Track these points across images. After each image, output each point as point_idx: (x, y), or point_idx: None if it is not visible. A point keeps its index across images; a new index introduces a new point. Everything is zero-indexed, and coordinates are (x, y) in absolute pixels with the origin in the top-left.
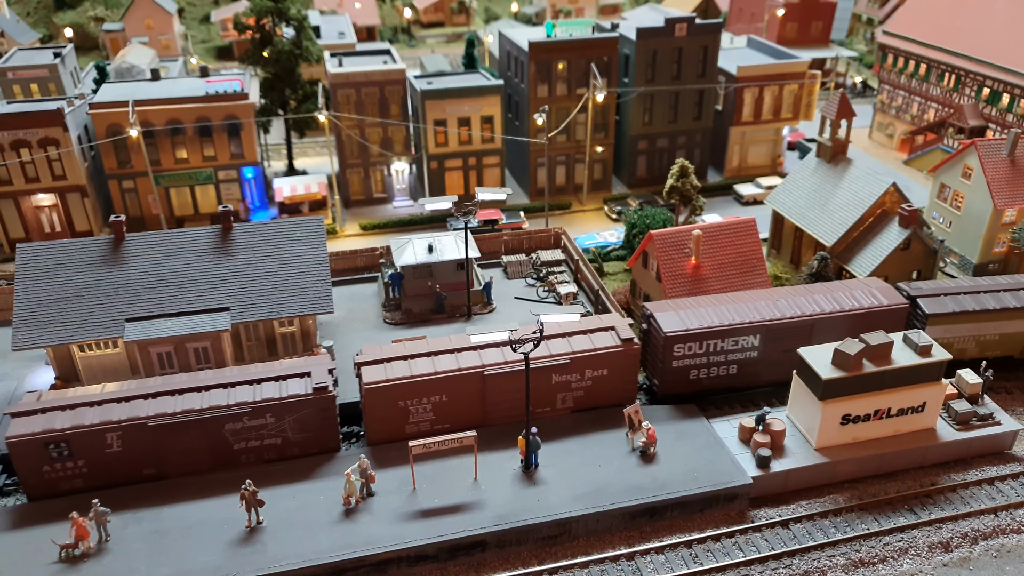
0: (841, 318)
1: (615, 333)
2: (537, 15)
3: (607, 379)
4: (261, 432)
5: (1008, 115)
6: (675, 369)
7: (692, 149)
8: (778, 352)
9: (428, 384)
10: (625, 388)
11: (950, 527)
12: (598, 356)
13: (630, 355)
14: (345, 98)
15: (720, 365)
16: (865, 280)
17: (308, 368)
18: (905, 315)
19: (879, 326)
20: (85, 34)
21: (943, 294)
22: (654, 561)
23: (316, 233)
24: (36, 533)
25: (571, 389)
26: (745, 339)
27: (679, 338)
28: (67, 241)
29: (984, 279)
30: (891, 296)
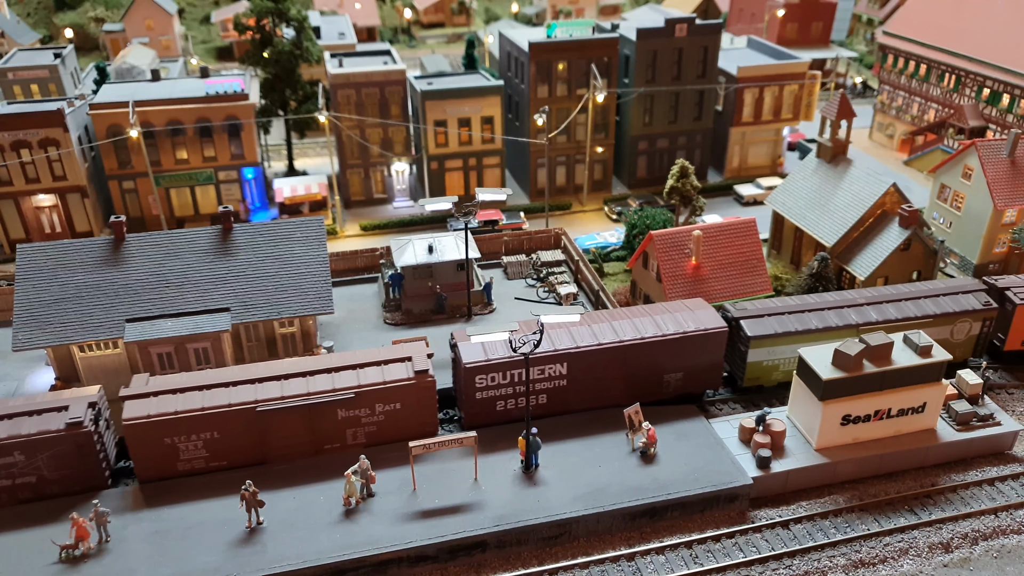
0: (655, 344)
1: (410, 365)
2: (537, 16)
3: (401, 413)
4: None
5: (1008, 116)
6: (479, 400)
7: (692, 150)
8: (589, 380)
9: (195, 420)
10: (423, 421)
11: (950, 528)
12: (388, 390)
13: (424, 388)
14: (345, 99)
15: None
16: (690, 303)
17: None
18: (724, 339)
19: (698, 350)
20: (85, 35)
21: (767, 315)
22: (654, 561)
23: (316, 234)
24: (36, 533)
25: (361, 424)
26: (552, 367)
27: (480, 369)
28: (67, 242)
29: (812, 297)
30: (711, 320)
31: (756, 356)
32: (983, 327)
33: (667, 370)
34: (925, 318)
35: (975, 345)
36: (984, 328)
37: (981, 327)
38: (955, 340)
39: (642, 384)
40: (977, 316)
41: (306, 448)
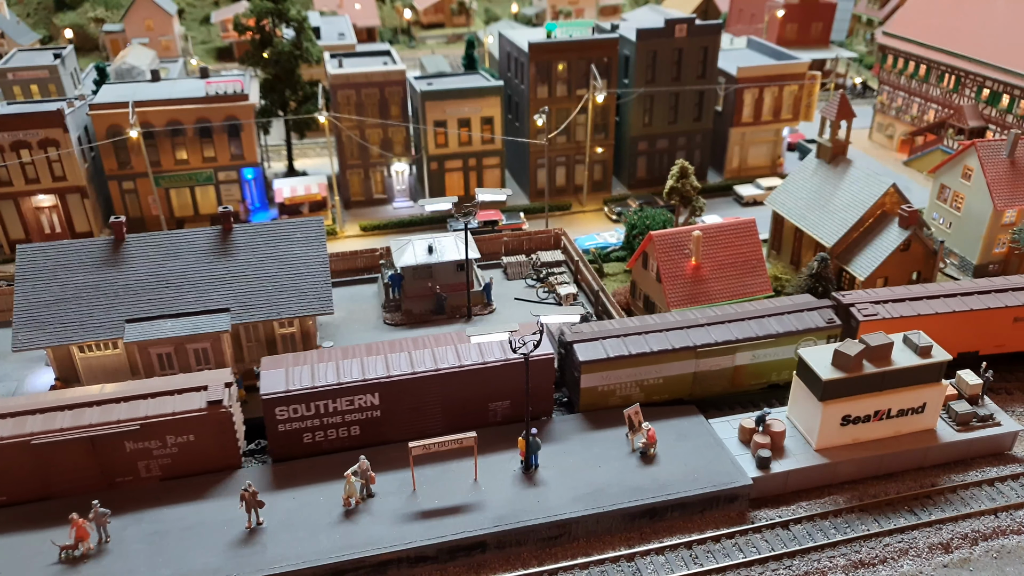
0: (476, 372)
1: (204, 395)
2: (537, 16)
3: (198, 445)
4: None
5: (1008, 116)
6: (283, 433)
7: (692, 150)
8: (406, 410)
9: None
10: (224, 453)
11: (950, 528)
12: (178, 421)
13: (217, 419)
14: (345, 99)
15: (339, 427)
16: (525, 326)
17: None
18: (551, 365)
19: (521, 378)
20: (85, 35)
21: (602, 338)
22: (654, 562)
23: (316, 234)
24: (36, 534)
25: (154, 456)
26: (362, 398)
27: (280, 401)
28: (67, 242)
29: (654, 318)
30: (544, 347)
31: (590, 381)
32: (829, 343)
33: (492, 398)
34: (767, 337)
35: None
36: (831, 342)
37: (827, 343)
38: None
39: (465, 413)
40: (821, 334)
41: (94, 481)
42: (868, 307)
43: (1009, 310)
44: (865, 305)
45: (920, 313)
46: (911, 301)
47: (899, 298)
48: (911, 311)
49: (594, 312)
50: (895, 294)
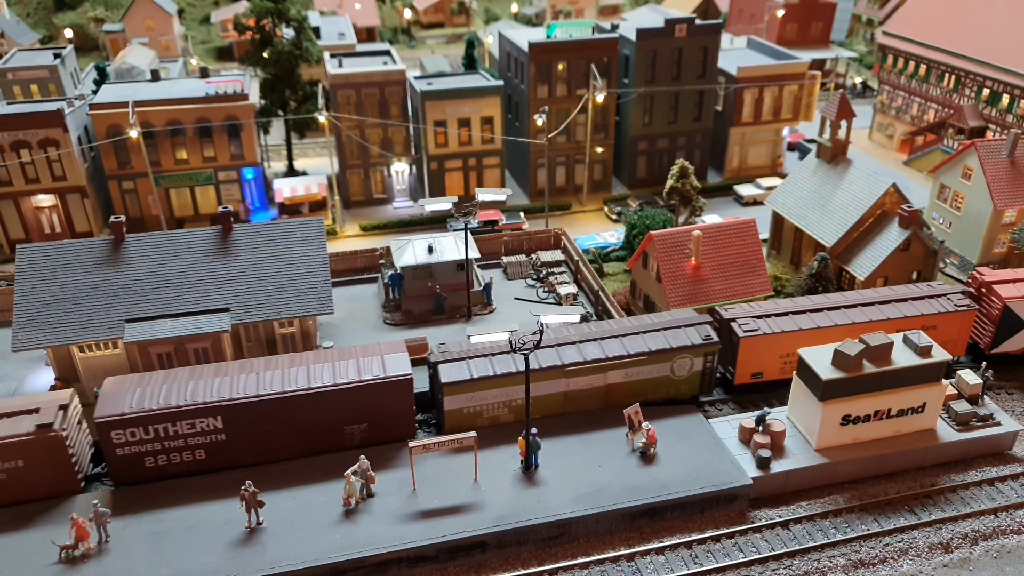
0: (326, 394)
1: (34, 418)
2: (537, 16)
3: (29, 470)
4: None
5: (1008, 116)
6: (123, 457)
7: (692, 150)
8: (254, 433)
9: None
10: (60, 479)
11: (950, 528)
12: (3, 446)
13: (48, 444)
14: (345, 99)
15: (182, 450)
16: (389, 344)
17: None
18: (409, 386)
19: (380, 399)
20: (85, 35)
21: (468, 358)
22: (654, 562)
23: (316, 234)
24: (36, 534)
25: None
26: (203, 421)
27: (116, 424)
28: (67, 242)
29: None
30: (397, 367)
31: (454, 403)
32: (706, 362)
33: (347, 421)
34: (639, 356)
35: (701, 381)
36: (707, 363)
37: (704, 362)
38: (678, 377)
39: (319, 436)
40: (697, 351)
41: None
42: (749, 322)
43: (892, 322)
44: (746, 320)
45: (802, 327)
46: (794, 315)
47: (781, 312)
48: (793, 325)
49: (594, 312)
50: (779, 307)
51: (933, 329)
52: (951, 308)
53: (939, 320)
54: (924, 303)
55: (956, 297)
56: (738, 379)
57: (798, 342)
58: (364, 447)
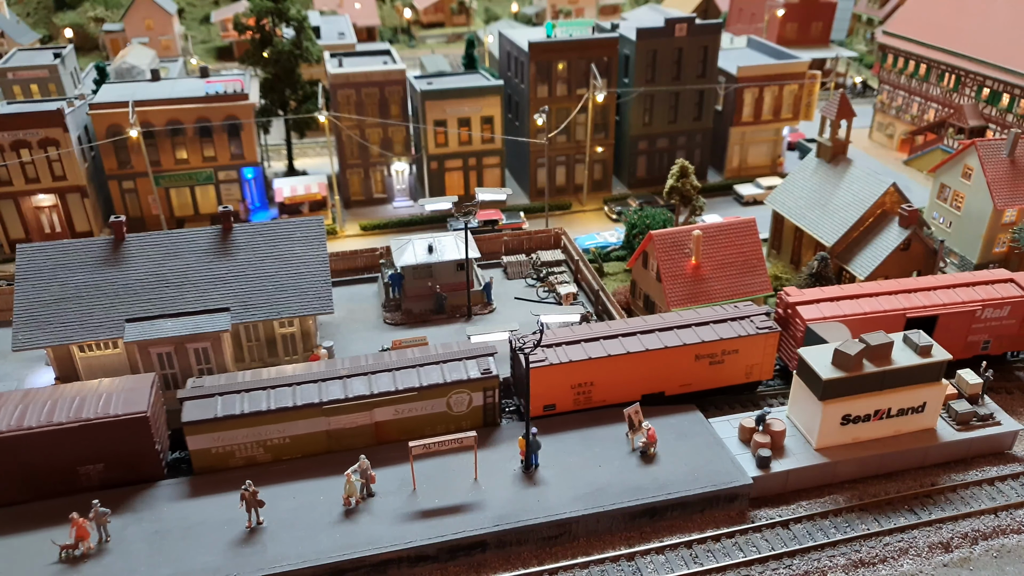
0: (44, 435)
1: None
2: (537, 15)
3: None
4: None
5: (1008, 115)
6: None
7: (692, 149)
8: None
9: None
10: None
11: (950, 527)
12: None
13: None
14: (345, 98)
15: None
16: (128, 381)
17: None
18: (143, 424)
19: (111, 438)
20: (85, 35)
21: (220, 393)
22: (654, 561)
23: (316, 233)
24: (36, 533)
25: None
26: None
27: None
28: (67, 242)
29: (294, 368)
30: (131, 404)
31: (199, 443)
32: (486, 397)
33: (80, 461)
34: (407, 392)
35: (484, 415)
36: (488, 398)
37: (484, 397)
38: (456, 412)
39: (50, 478)
40: (475, 386)
41: None
42: (539, 352)
43: (689, 348)
44: (536, 350)
45: (591, 356)
46: (586, 343)
47: (574, 340)
48: (583, 354)
49: (594, 311)
50: (574, 334)
51: (735, 353)
52: (752, 331)
53: (741, 344)
54: (725, 326)
55: (759, 319)
56: (532, 412)
57: (588, 373)
58: (104, 489)
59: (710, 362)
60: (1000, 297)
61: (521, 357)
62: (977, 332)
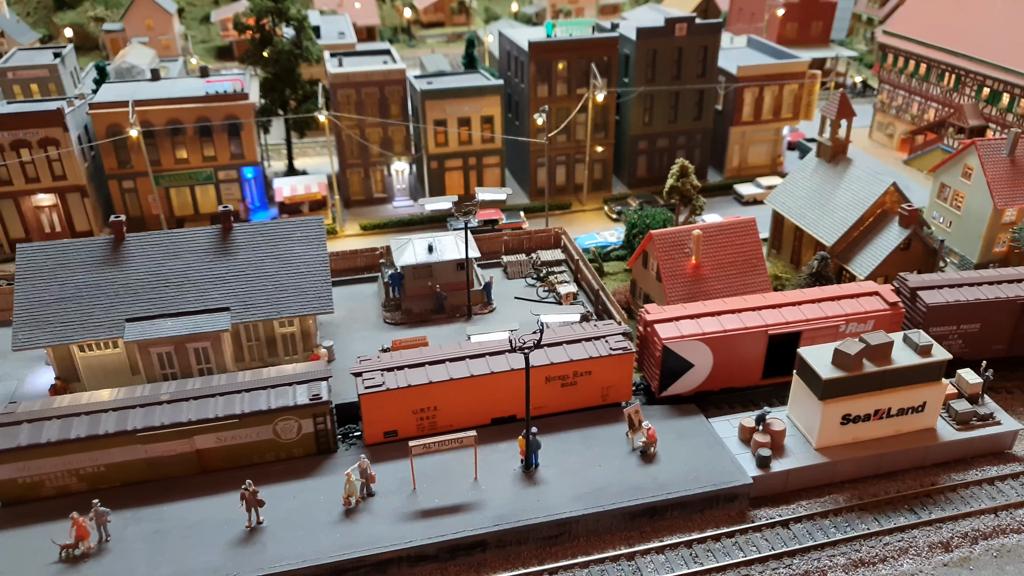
0: None
1: None
2: (537, 15)
3: None
4: None
5: (1008, 115)
6: None
7: (692, 149)
8: None
9: None
10: None
11: (950, 527)
12: None
13: None
14: (345, 98)
15: None
16: None
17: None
18: None
19: None
20: (85, 34)
21: (31, 420)
22: (654, 561)
23: (316, 233)
24: (36, 533)
25: None
26: None
27: None
28: (67, 241)
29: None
30: None
31: (3, 473)
32: (317, 423)
33: None
34: (228, 419)
35: (316, 442)
36: (319, 424)
37: (315, 424)
38: (285, 439)
39: None
40: (304, 412)
41: None
42: (375, 376)
43: (538, 370)
44: (372, 375)
45: (433, 380)
46: (430, 366)
47: (417, 362)
48: (424, 378)
49: (594, 311)
50: (421, 356)
51: (588, 375)
52: (606, 352)
53: (594, 365)
54: (579, 347)
55: (614, 340)
56: (369, 439)
57: (430, 397)
58: None
59: (562, 384)
60: (864, 311)
61: (359, 382)
62: None
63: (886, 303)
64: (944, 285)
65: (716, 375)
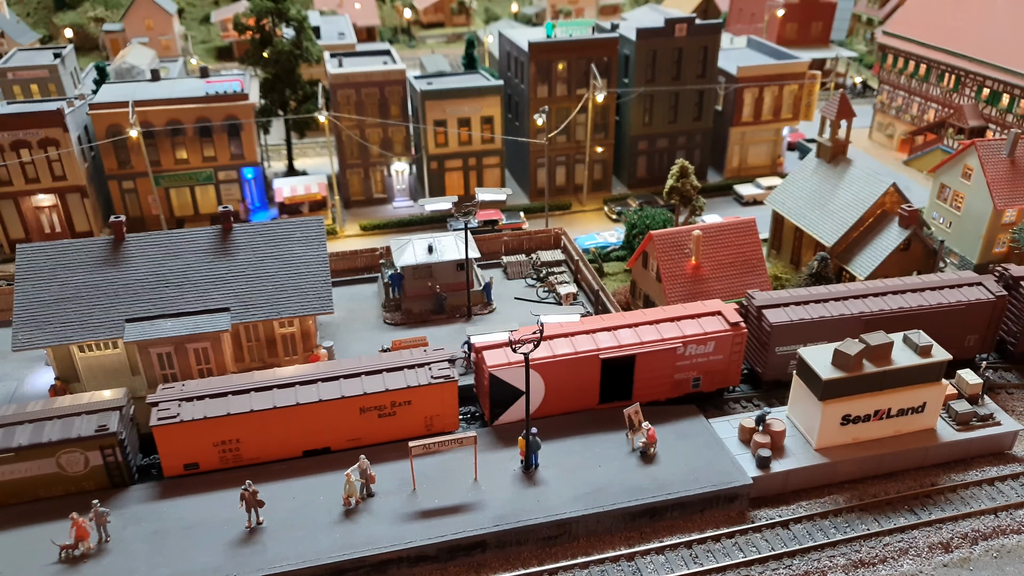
0: None
1: None
2: (537, 15)
3: None
4: None
5: (1008, 115)
6: None
7: (692, 149)
8: None
9: None
10: None
11: (950, 527)
12: None
13: None
14: (345, 98)
15: None
16: None
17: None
18: None
19: None
20: (85, 35)
21: None
22: (654, 561)
23: (316, 233)
24: (36, 533)
25: None
26: None
27: None
28: (67, 242)
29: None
30: None
31: None
32: (105, 456)
33: None
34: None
35: (108, 475)
36: (108, 457)
37: (103, 456)
38: (73, 473)
39: None
40: (90, 444)
41: None
42: (170, 407)
43: (351, 400)
44: (168, 405)
45: (232, 412)
46: (233, 396)
47: (219, 392)
48: (223, 409)
49: (594, 311)
50: (213, 387)
51: (407, 405)
52: (426, 381)
53: (413, 395)
54: (398, 376)
55: (437, 368)
56: (167, 471)
57: (231, 429)
58: None
59: (379, 415)
60: (703, 332)
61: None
62: (684, 370)
63: (728, 323)
64: (790, 303)
65: (550, 401)
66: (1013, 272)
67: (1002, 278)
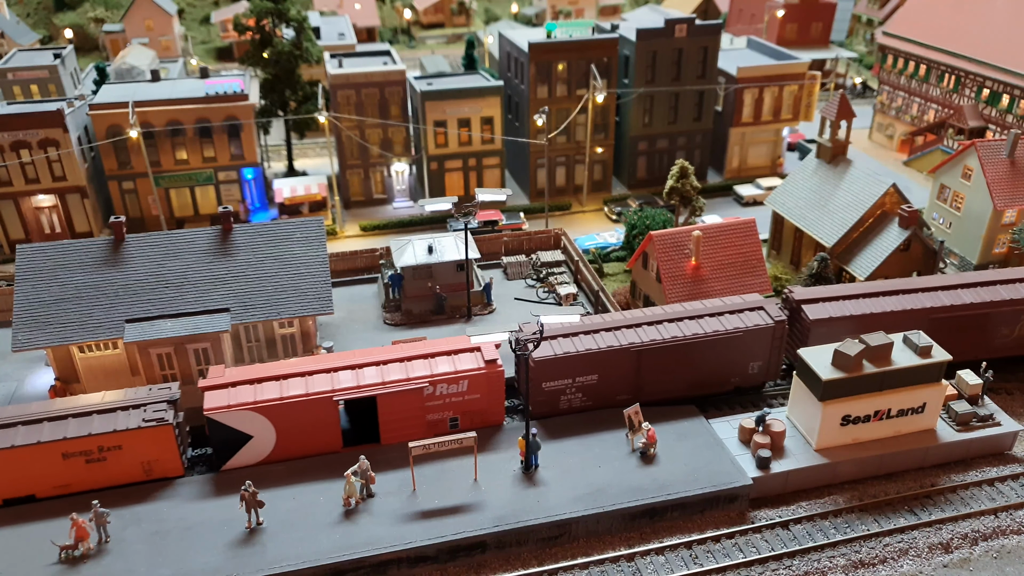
0: None
1: None
2: (537, 16)
3: None
4: None
5: (1008, 116)
6: None
7: (692, 150)
8: None
9: None
10: None
11: (950, 528)
12: None
13: None
14: (345, 99)
15: None
16: None
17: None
18: None
19: None
20: (85, 35)
21: None
22: (654, 562)
23: (316, 234)
24: (36, 533)
25: None
26: None
27: None
28: (67, 242)
29: None
30: None
31: None
32: None
33: None
34: None
35: None
36: None
37: None
38: None
39: None
40: None
41: None
42: None
43: (53, 445)
44: None
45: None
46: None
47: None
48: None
49: (594, 312)
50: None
51: (118, 449)
52: (136, 424)
53: (123, 439)
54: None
55: (152, 409)
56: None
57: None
58: None
59: (87, 460)
60: (455, 371)
61: None
62: (436, 410)
63: (483, 362)
64: (559, 335)
65: (284, 444)
66: (796, 296)
67: (786, 302)
